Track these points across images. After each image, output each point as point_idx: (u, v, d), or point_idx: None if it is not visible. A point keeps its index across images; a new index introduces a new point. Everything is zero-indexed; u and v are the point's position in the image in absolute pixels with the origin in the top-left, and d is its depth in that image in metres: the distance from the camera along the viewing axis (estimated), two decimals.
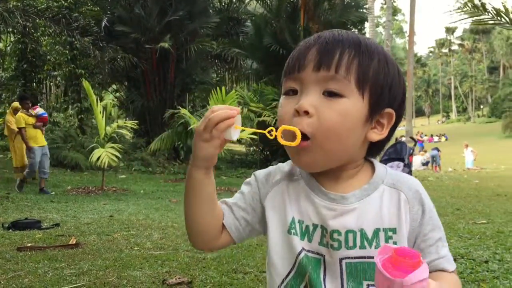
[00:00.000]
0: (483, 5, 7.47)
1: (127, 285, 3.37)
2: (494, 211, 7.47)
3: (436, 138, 54.56)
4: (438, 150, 23.13)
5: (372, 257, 0.90)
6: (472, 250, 4.55)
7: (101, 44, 15.41)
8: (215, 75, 22.42)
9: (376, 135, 0.97)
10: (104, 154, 9.26)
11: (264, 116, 14.75)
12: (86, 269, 3.76)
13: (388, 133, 0.99)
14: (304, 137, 0.90)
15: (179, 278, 3.49)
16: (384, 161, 6.65)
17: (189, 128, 12.88)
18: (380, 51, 0.96)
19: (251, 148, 19.53)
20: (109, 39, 16.79)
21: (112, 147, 9.66)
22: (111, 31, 16.98)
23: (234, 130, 0.92)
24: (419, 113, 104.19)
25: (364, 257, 0.93)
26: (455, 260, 3.57)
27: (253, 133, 12.39)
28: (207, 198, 1.00)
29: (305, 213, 0.98)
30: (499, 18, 7.53)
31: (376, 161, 1.04)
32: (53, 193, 9.10)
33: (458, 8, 7.94)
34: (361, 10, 19.28)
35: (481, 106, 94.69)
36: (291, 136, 0.91)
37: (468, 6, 7.68)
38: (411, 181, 0.99)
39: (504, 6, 7.45)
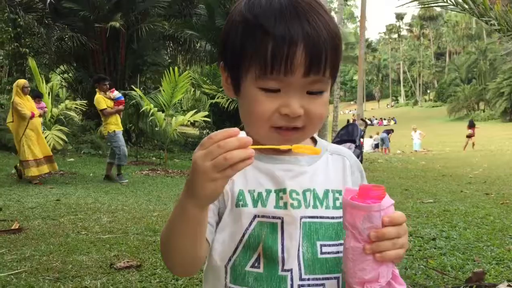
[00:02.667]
0: None
1: (72, 270, 3.23)
2: (440, 191, 7.73)
3: (385, 122, 56.09)
4: (389, 133, 23.75)
5: (323, 217, 0.94)
6: (420, 228, 4.68)
7: (46, 22, 14.68)
8: (167, 57, 21.95)
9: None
10: (50, 137, 8.89)
11: (217, 98, 14.62)
12: (28, 255, 3.58)
13: None
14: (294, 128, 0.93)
15: (127, 262, 3.38)
16: (336, 143, 6.71)
17: (141, 110, 12.60)
18: (339, 32, 0.95)
19: (205, 131, 19.38)
20: (56, 18, 16.02)
21: (59, 130, 9.29)
22: (58, 8, 16.17)
23: None
24: (370, 97, 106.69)
25: (316, 217, 0.94)
26: None
27: (206, 116, 12.27)
28: (201, 231, 0.87)
29: (255, 182, 0.95)
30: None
31: (315, 135, 1.09)
32: (127, 180, 8.52)
33: None
34: None
35: (428, 91, 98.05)
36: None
37: None
38: (350, 151, 1.09)
39: None
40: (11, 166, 10.37)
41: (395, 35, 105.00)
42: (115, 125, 8.54)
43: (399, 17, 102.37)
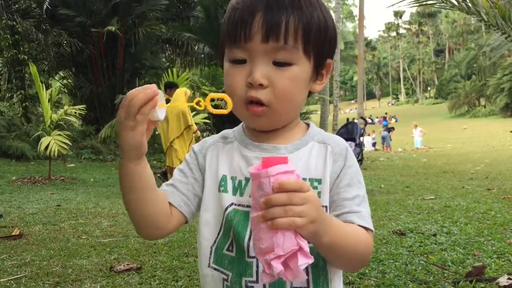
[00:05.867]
0: None
1: (72, 274, 3.23)
2: (441, 187, 7.71)
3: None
4: (390, 131, 23.71)
5: None
6: (421, 224, 4.66)
7: (44, 27, 14.69)
8: (166, 60, 21.95)
9: (318, 86, 1.02)
10: (53, 142, 8.88)
11: (217, 100, 14.58)
12: (28, 260, 3.58)
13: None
14: (258, 103, 0.93)
15: (127, 264, 3.38)
16: None
17: None
18: (316, 4, 0.95)
19: (205, 134, 19.37)
20: (52, 23, 16.05)
21: (60, 135, 9.27)
22: (55, 14, 16.20)
23: (159, 110, 0.86)
24: (370, 96, 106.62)
25: None
26: (403, 234, 3.63)
27: (206, 118, 12.26)
28: (145, 186, 0.94)
29: (237, 169, 1.00)
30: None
31: (313, 124, 1.07)
32: None
33: None
34: None
35: (428, 88, 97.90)
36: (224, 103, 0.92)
37: None
38: (341, 140, 1.04)
39: None
40: (12, 173, 10.40)
41: (394, 33, 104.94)
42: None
43: (398, 14, 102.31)
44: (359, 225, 0.93)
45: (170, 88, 8.59)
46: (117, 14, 16.34)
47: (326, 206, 0.95)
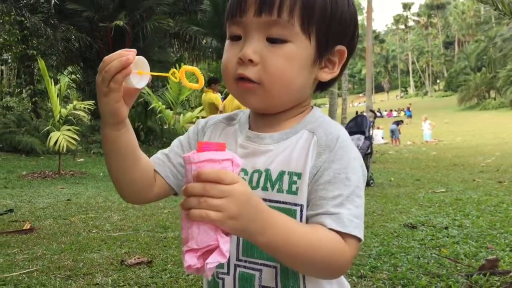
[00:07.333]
0: None
1: (83, 267, 3.23)
2: (452, 180, 7.65)
3: (395, 113, 55.72)
4: (398, 124, 23.55)
5: (272, 200, 0.88)
6: (432, 218, 4.63)
7: (52, 22, 14.72)
8: (173, 55, 21.95)
9: (327, 75, 0.93)
10: (62, 137, 8.90)
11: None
12: (40, 254, 3.59)
13: (340, 71, 0.95)
14: (248, 80, 0.88)
15: (138, 258, 3.38)
16: None
17: (149, 108, 12.62)
18: None
19: None
20: (61, 18, 16.09)
21: (69, 130, 9.30)
22: (63, 9, 16.24)
23: (137, 77, 0.84)
24: (379, 89, 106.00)
25: (265, 200, 0.85)
26: (414, 227, 3.60)
27: (203, 109, 12.26)
28: (125, 153, 0.93)
29: None
30: None
31: (316, 109, 0.98)
32: None
33: None
34: None
35: (438, 81, 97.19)
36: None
37: None
38: (333, 129, 0.91)
39: None
40: (22, 168, 10.47)
41: (403, 26, 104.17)
42: None
43: (407, 7, 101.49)
44: (331, 229, 0.81)
45: (214, 83, 8.65)
46: (124, 9, 16.35)
47: (302, 205, 0.86)
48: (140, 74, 0.85)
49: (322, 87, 0.98)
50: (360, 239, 0.83)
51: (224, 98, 8.45)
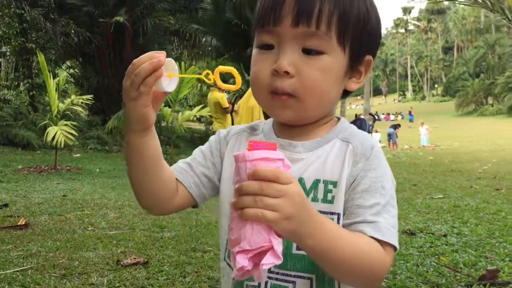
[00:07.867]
0: None
1: (78, 266, 3.19)
2: (450, 186, 7.63)
3: (392, 117, 55.85)
4: (396, 128, 23.58)
5: None
6: (431, 224, 4.60)
7: (52, 16, 14.65)
8: (173, 52, 21.90)
9: (355, 84, 0.94)
10: (59, 133, 8.85)
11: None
12: (34, 251, 3.54)
13: None
14: (284, 93, 0.86)
15: (134, 258, 3.34)
16: None
17: None
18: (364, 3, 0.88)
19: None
20: (61, 13, 16.01)
21: (66, 125, 9.24)
22: (63, 4, 16.16)
23: (167, 80, 0.81)
24: (376, 92, 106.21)
25: None
26: (413, 234, 3.56)
27: (203, 107, 12.24)
28: (149, 162, 0.89)
29: None
30: None
31: (344, 119, 0.98)
32: None
33: None
34: None
35: (436, 85, 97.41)
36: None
37: None
38: (367, 138, 0.93)
39: None
40: (17, 161, 10.41)
41: (403, 30, 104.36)
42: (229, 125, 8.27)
43: (407, 11, 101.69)
44: (371, 237, 0.81)
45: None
46: (125, 5, 16.29)
47: (339, 214, 0.86)
48: (169, 76, 0.81)
49: (343, 95, 0.97)
50: (396, 248, 0.84)
51: (235, 99, 8.40)
